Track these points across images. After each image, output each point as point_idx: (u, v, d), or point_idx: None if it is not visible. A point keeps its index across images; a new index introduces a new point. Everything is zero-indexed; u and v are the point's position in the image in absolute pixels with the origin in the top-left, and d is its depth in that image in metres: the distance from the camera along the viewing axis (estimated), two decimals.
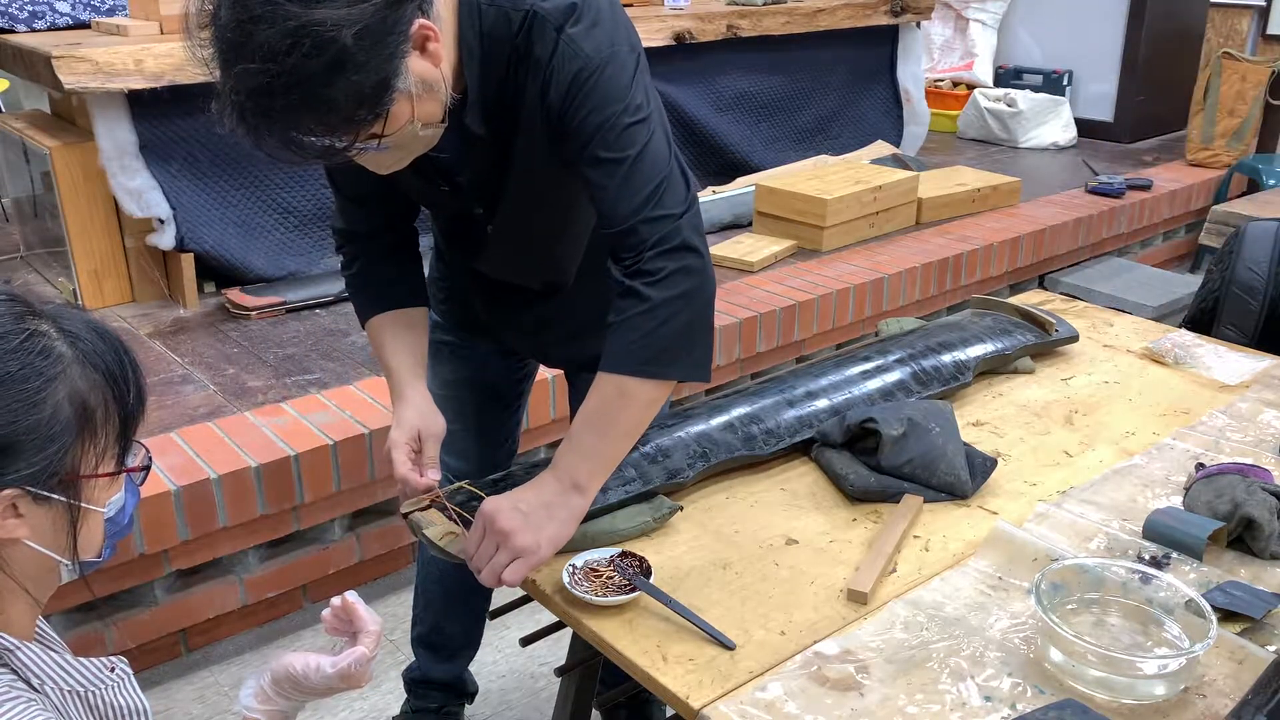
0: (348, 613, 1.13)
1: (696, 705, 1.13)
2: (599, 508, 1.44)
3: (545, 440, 2.80)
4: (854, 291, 3.40)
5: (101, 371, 0.92)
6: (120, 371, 0.94)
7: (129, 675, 1.02)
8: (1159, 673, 1.13)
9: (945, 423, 1.56)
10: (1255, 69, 4.85)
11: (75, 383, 0.90)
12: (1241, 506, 1.38)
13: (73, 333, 0.92)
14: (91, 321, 0.95)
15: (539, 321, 1.75)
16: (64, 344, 0.91)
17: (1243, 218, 3.84)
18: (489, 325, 1.79)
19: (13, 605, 0.93)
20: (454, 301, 1.82)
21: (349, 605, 1.13)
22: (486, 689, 2.24)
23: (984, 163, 5.03)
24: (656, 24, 4.02)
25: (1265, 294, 2.31)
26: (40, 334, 0.90)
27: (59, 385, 0.89)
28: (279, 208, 3.40)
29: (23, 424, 0.86)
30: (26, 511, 0.89)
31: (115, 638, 2.21)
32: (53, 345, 0.90)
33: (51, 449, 0.88)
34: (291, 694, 1.10)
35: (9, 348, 0.87)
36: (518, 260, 1.68)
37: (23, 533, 0.90)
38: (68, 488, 0.91)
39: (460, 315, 1.82)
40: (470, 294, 1.76)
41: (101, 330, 0.95)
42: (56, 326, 0.91)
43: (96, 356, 0.92)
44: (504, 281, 1.70)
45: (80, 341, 0.92)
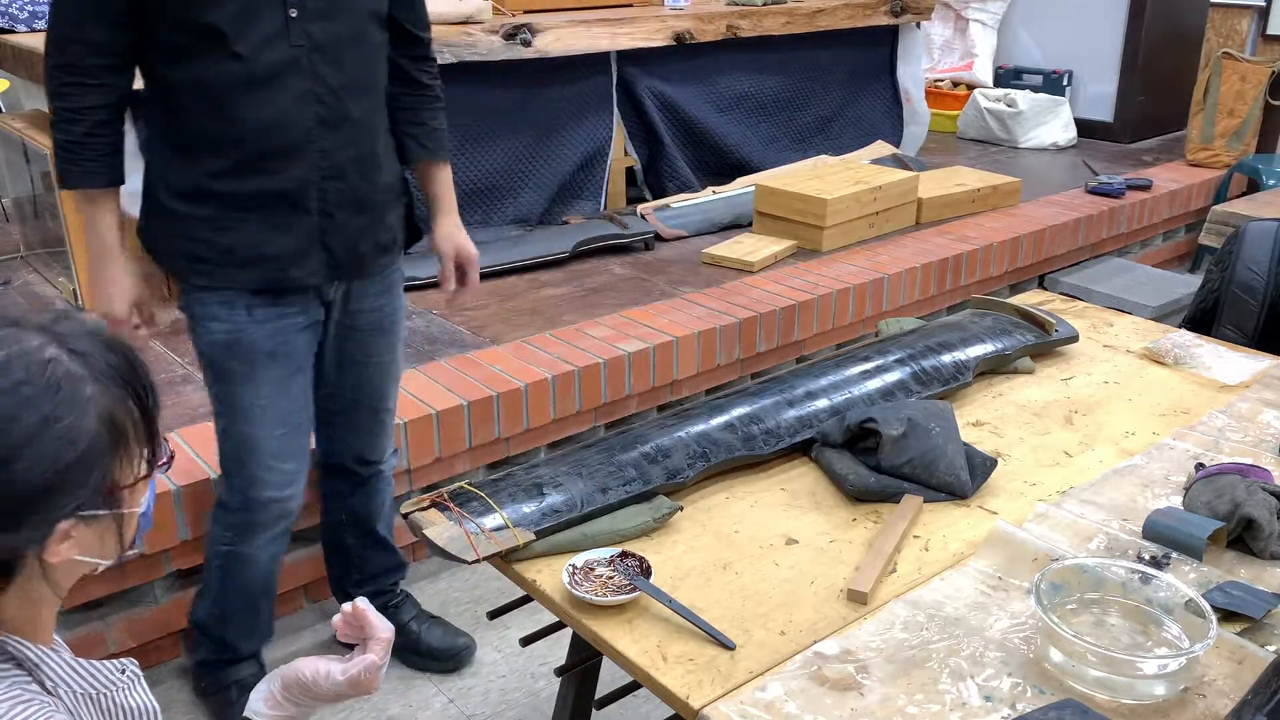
0: (358, 619, 1.13)
1: (696, 705, 1.13)
2: (599, 507, 1.44)
3: (545, 440, 2.80)
4: (854, 291, 3.40)
5: (119, 383, 0.92)
6: (134, 377, 0.94)
7: (139, 676, 1.02)
8: (1159, 673, 1.13)
9: (945, 423, 1.56)
10: (1255, 69, 4.85)
11: (101, 403, 0.90)
12: (1241, 506, 1.38)
13: (81, 351, 0.90)
14: (93, 330, 0.94)
15: (360, 180, 1.77)
16: (78, 364, 0.89)
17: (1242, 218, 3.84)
18: (296, 248, 1.74)
19: (42, 611, 0.95)
20: (249, 231, 1.72)
21: (360, 612, 1.12)
22: (486, 689, 2.24)
23: (984, 163, 5.03)
24: (656, 24, 4.02)
25: (1265, 294, 2.31)
26: (56, 361, 0.88)
27: (89, 412, 0.88)
28: None
29: (65, 462, 0.87)
30: (77, 534, 0.90)
31: (115, 638, 2.21)
32: (71, 371, 0.89)
33: (95, 475, 0.89)
34: (301, 700, 1.10)
35: (37, 390, 0.86)
36: (362, 137, 1.75)
37: (74, 553, 0.91)
38: (111, 501, 0.92)
39: (260, 259, 1.73)
40: (282, 199, 1.71)
41: (106, 339, 0.94)
42: (64, 347, 0.90)
43: (110, 369, 0.92)
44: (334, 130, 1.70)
45: (91, 358, 0.91)
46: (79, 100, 1.63)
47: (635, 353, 2.87)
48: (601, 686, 1.60)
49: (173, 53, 1.63)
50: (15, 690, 0.89)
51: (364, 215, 1.81)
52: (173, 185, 1.72)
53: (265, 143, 1.67)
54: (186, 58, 1.63)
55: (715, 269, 3.56)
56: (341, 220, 1.77)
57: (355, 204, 1.78)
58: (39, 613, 0.94)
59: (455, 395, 2.58)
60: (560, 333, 3.00)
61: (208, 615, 2.07)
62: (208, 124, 1.66)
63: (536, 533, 1.40)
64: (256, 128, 1.65)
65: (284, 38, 1.63)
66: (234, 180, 1.68)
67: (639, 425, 1.64)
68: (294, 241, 1.74)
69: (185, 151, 1.69)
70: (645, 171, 4.30)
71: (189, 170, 1.69)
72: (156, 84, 1.68)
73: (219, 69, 1.62)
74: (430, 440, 2.51)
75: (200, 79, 1.63)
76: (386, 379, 2.05)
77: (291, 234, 1.73)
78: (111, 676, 0.99)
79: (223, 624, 2.06)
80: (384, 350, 2.01)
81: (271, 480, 1.89)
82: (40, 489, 0.86)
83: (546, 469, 1.51)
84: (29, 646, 0.92)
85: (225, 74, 1.62)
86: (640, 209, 4.00)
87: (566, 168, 3.97)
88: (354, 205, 1.78)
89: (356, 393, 2.02)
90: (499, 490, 1.46)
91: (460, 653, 2.30)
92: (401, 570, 2.30)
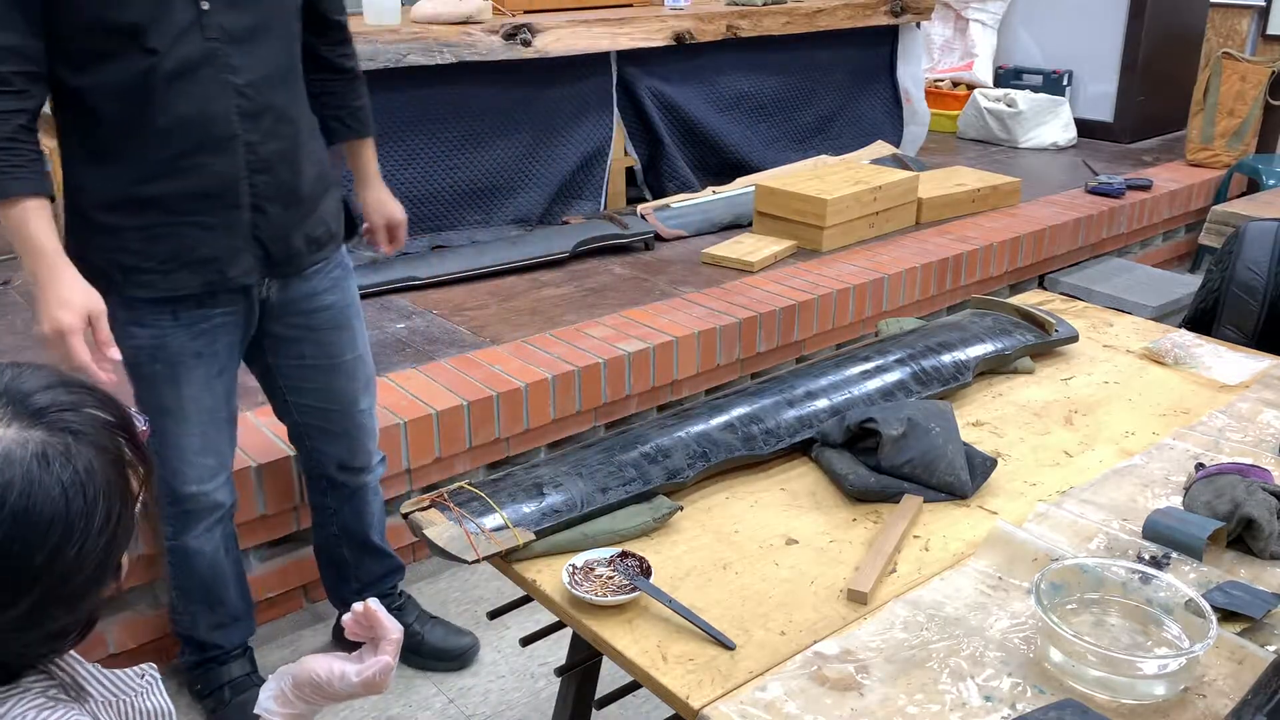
0: (369, 619, 1.13)
1: (696, 705, 1.13)
2: (599, 507, 1.44)
3: (545, 440, 2.80)
4: (854, 291, 3.40)
5: (95, 426, 0.91)
6: (97, 405, 0.92)
7: (156, 680, 1.04)
8: (1159, 673, 1.13)
9: (945, 423, 1.56)
10: (1255, 69, 4.85)
11: (102, 458, 0.90)
12: (1241, 506, 1.38)
13: (53, 423, 0.88)
14: (39, 388, 0.90)
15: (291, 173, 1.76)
16: (61, 439, 0.87)
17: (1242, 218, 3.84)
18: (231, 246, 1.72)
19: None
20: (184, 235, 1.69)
21: (370, 612, 1.13)
22: (486, 689, 2.24)
23: (984, 163, 5.03)
24: (656, 24, 4.02)
25: (1265, 294, 2.31)
26: (49, 455, 0.86)
27: (99, 478, 0.89)
28: None
29: (112, 525, 0.90)
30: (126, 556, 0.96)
31: (115, 638, 2.21)
32: (68, 451, 0.87)
33: (128, 509, 0.93)
34: (312, 698, 1.11)
35: (89, 498, 0.88)
36: (283, 126, 1.73)
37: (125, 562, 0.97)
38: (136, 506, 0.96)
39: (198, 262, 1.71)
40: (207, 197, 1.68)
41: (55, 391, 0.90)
42: (35, 427, 0.87)
43: (82, 421, 0.90)
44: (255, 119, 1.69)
45: (65, 421, 0.89)
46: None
47: (635, 353, 2.87)
48: (601, 686, 1.60)
49: (85, 58, 1.60)
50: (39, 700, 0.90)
51: (295, 209, 1.80)
52: (97, 197, 1.68)
53: (188, 140, 1.64)
54: (100, 61, 1.59)
55: (715, 269, 3.56)
56: (273, 215, 1.76)
57: (285, 197, 1.77)
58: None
59: (455, 395, 2.58)
60: (560, 333, 3.00)
61: (178, 615, 2.09)
62: (126, 128, 1.62)
63: (536, 533, 1.40)
64: (177, 124, 1.62)
65: (197, 31, 1.61)
66: (161, 183, 1.66)
67: (639, 425, 1.64)
68: (228, 239, 1.72)
69: (106, 161, 1.65)
70: (645, 171, 4.30)
71: (113, 179, 1.66)
72: (68, 95, 1.63)
73: (134, 67, 1.59)
74: (430, 440, 2.51)
75: (115, 81, 1.60)
76: (354, 379, 2.01)
77: (225, 233, 1.72)
78: (132, 682, 1.01)
79: (193, 621, 2.07)
80: (346, 348, 1.98)
81: (193, 475, 1.89)
82: (106, 557, 0.90)
83: (546, 469, 1.51)
84: (80, 661, 0.96)
85: (140, 72, 1.59)
86: (640, 209, 4.00)
87: (566, 168, 3.97)
88: (284, 198, 1.76)
89: (326, 398, 2.00)
90: (499, 490, 1.46)
91: (465, 652, 2.30)
92: (399, 573, 2.30)
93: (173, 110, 1.62)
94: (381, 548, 2.23)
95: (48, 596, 0.87)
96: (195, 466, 1.89)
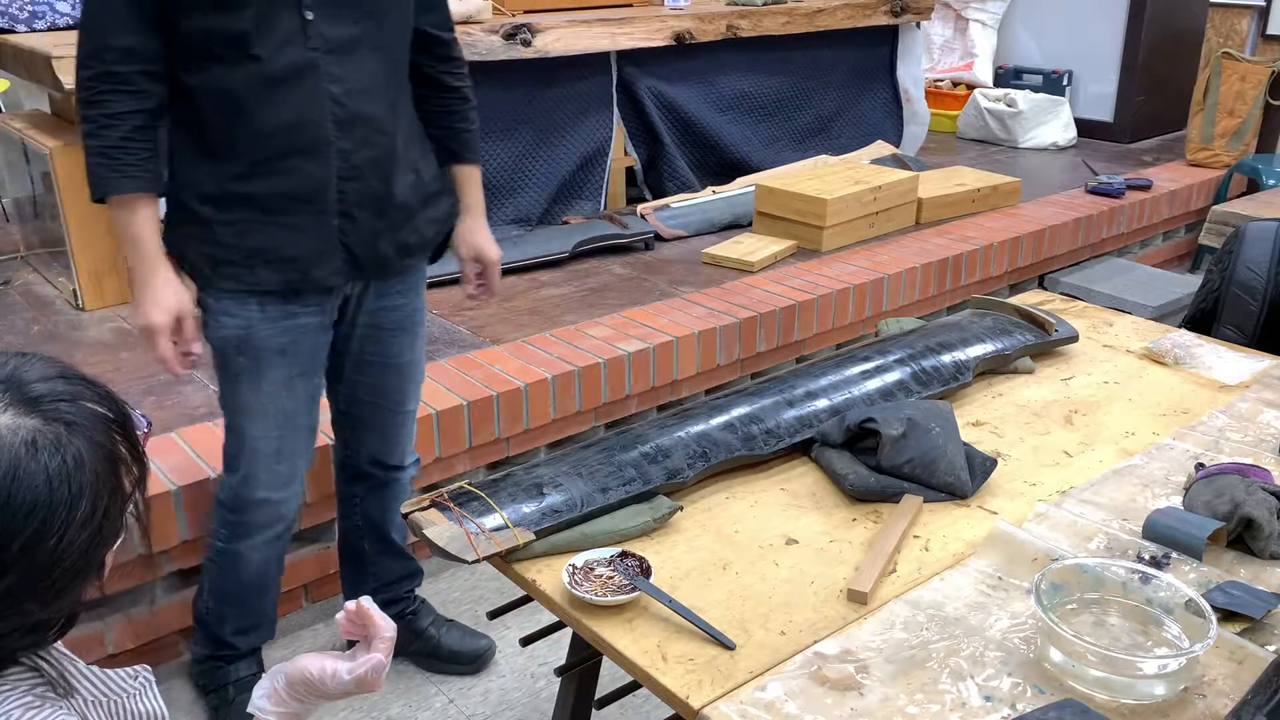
0: (362, 618, 1.13)
1: (696, 705, 1.13)
2: (599, 507, 1.44)
3: (545, 440, 2.80)
4: (854, 291, 3.40)
5: (93, 420, 0.91)
6: (96, 400, 0.93)
7: (151, 682, 1.03)
8: (1159, 673, 1.13)
9: (945, 423, 1.56)
10: (1255, 69, 4.85)
11: (95, 452, 0.89)
12: (1241, 506, 1.38)
13: (49, 413, 0.88)
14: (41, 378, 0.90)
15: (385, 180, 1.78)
16: (53, 430, 0.87)
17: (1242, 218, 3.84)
18: (317, 249, 1.75)
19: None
20: (271, 233, 1.73)
21: (364, 610, 1.13)
22: (486, 689, 2.24)
23: (984, 163, 5.03)
24: (656, 24, 4.02)
25: (1265, 294, 2.31)
26: (67, 445, 0.87)
27: (89, 471, 0.89)
28: None
29: (98, 520, 0.89)
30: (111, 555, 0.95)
31: (115, 638, 2.21)
32: (58, 440, 0.87)
33: (116, 507, 0.92)
34: (306, 697, 1.11)
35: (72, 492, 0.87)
36: (380, 136, 1.74)
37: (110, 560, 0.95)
38: (128, 509, 0.95)
39: (282, 261, 1.74)
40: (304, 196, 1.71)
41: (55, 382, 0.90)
42: (33, 416, 0.87)
43: (79, 412, 0.90)
44: (358, 120, 1.71)
45: (61, 412, 0.89)
46: (116, 106, 1.63)
47: (635, 353, 2.87)
48: (601, 686, 1.60)
49: (193, 58, 1.65)
50: (26, 698, 0.90)
51: (385, 217, 1.81)
52: (196, 189, 1.73)
53: (283, 144, 1.68)
54: (207, 62, 1.64)
55: (715, 269, 3.56)
56: (362, 221, 1.78)
57: (375, 204, 1.78)
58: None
59: (455, 395, 2.58)
60: (560, 333, 3.00)
61: (205, 610, 2.08)
62: (228, 127, 1.67)
63: (536, 533, 1.40)
64: (274, 129, 1.67)
65: (300, 40, 1.65)
66: (255, 182, 1.70)
67: (639, 425, 1.63)
68: (314, 242, 1.75)
69: (208, 156, 1.71)
70: (645, 171, 4.30)
71: (212, 174, 1.71)
72: (179, 90, 1.69)
73: (238, 72, 1.64)
74: (430, 440, 2.51)
75: (220, 83, 1.65)
76: (406, 380, 2.03)
77: (312, 235, 1.74)
78: (124, 684, 1.00)
79: (219, 620, 2.06)
80: (405, 350, 2.00)
81: (266, 480, 1.89)
82: (91, 550, 0.89)
83: (546, 469, 1.51)
84: (44, 654, 0.94)
85: (244, 76, 1.64)
86: (640, 209, 4.00)
87: (566, 168, 3.97)
88: (374, 206, 1.78)
89: (375, 394, 2.01)
90: (499, 490, 1.46)
91: (483, 654, 2.30)
92: (417, 578, 2.29)
93: (272, 114, 1.66)
94: (402, 548, 2.23)
95: (23, 586, 0.86)
96: (268, 472, 1.88)
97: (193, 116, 1.70)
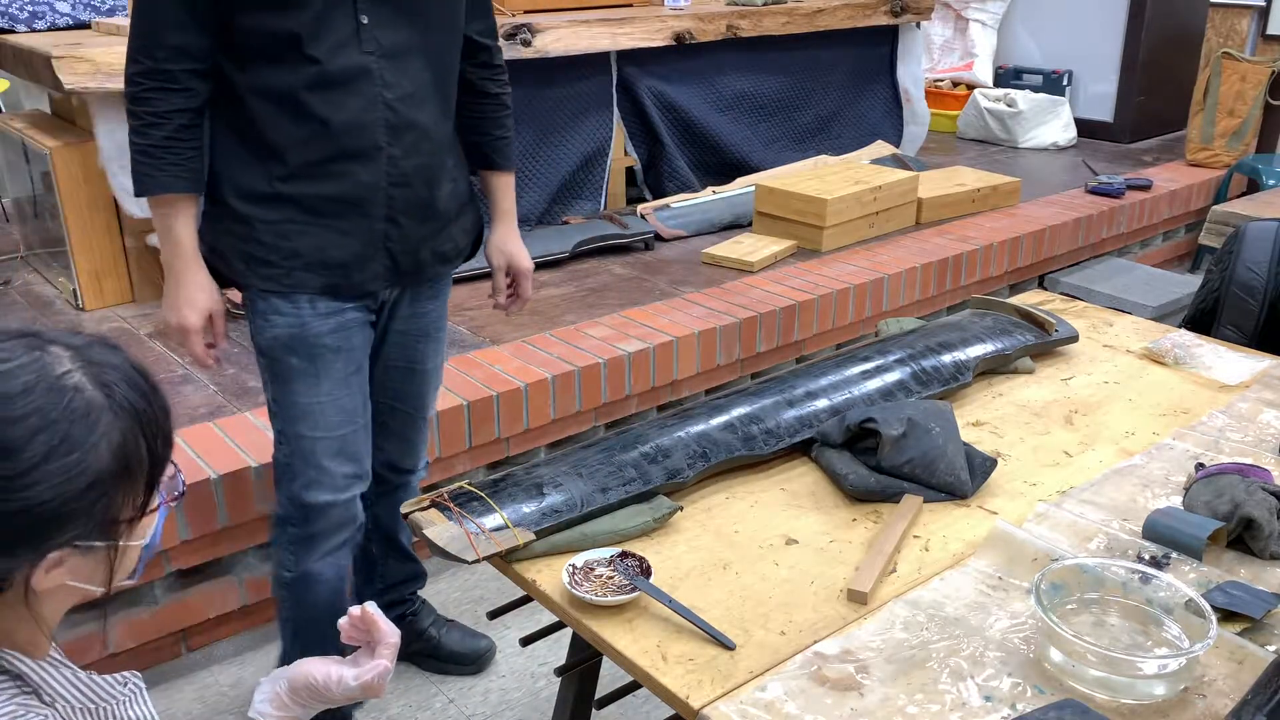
0: (366, 623, 1.13)
1: (696, 705, 1.13)
2: (599, 507, 1.44)
3: (545, 440, 2.80)
4: (854, 291, 3.40)
5: (137, 419, 0.91)
6: (149, 411, 0.93)
7: (141, 689, 1.03)
8: (1159, 673, 1.13)
9: (945, 423, 1.56)
10: (1255, 69, 4.85)
11: (113, 437, 0.89)
12: (1241, 506, 1.38)
13: (106, 382, 0.90)
14: (122, 365, 0.93)
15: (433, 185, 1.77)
16: (99, 393, 0.89)
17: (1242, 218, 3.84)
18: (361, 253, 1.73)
19: (41, 629, 0.94)
20: (314, 235, 1.71)
21: (368, 616, 1.13)
22: (486, 688, 2.24)
23: (984, 163, 5.03)
24: (656, 24, 4.02)
25: (1265, 294, 2.31)
26: (77, 390, 0.88)
27: (101, 446, 0.88)
28: None
29: (71, 493, 0.87)
30: (70, 563, 0.90)
31: (115, 638, 2.21)
32: (90, 400, 0.88)
33: (96, 509, 0.89)
34: (309, 702, 1.11)
35: (51, 419, 0.86)
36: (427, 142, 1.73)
37: (65, 578, 0.91)
38: (108, 534, 0.92)
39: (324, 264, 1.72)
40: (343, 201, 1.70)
41: (124, 368, 0.93)
42: (90, 375, 0.89)
43: (130, 404, 0.91)
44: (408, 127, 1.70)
45: (115, 389, 0.91)
46: (163, 104, 1.61)
47: (635, 353, 2.87)
48: (601, 686, 1.60)
49: (246, 57, 1.63)
50: (10, 705, 0.89)
51: (429, 224, 1.80)
52: (238, 187, 1.71)
53: (336, 146, 1.66)
54: (261, 63, 1.63)
55: (715, 269, 3.56)
56: (407, 227, 1.76)
57: (420, 211, 1.77)
58: (37, 632, 0.94)
59: (455, 395, 2.58)
60: (560, 333, 3.00)
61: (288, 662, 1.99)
62: (278, 127, 1.66)
63: (536, 533, 1.40)
64: (328, 131, 1.65)
65: (355, 43, 1.63)
66: (303, 184, 1.68)
67: (639, 425, 1.63)
68: (359, 246, 1.73)
69: (254, 155, 1.69)
70: (645, 171, 4.30)
71: (257, 174, 1.69)
72: (226, 88, 1.67)
73: (293, 73, 1.62)
74: (430, 440, 2.51)
75: (273, 83, 1.63)
76: (429, 386, 2.02)
77: (356, 239, 1.73)
78: (112, 690, 0.99)
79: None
80: (429, 356, 1.99)
81: (329, 483, 1.82)
82: (41, 517, 0.86)
83: (546, 469, 1.51)
84: (25, 661, 0.92)
85: (299, 77, 1.62)
86: (640, 209, 4.00)
87: (566, 168, 3.97)
88: (419, 213, 1.77)
89: (397, 397, 1.99)
90: (499, 490, 1.46)
91: (483, 654, 2.30)
92: (420, 580, 2.28)
93: (325, 117, 1.64)
94: (408, 551, 2.22)
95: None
96: (331, 475, 1.82)
97: (239, 115, 1.68)
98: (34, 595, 0.90)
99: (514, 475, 1.51)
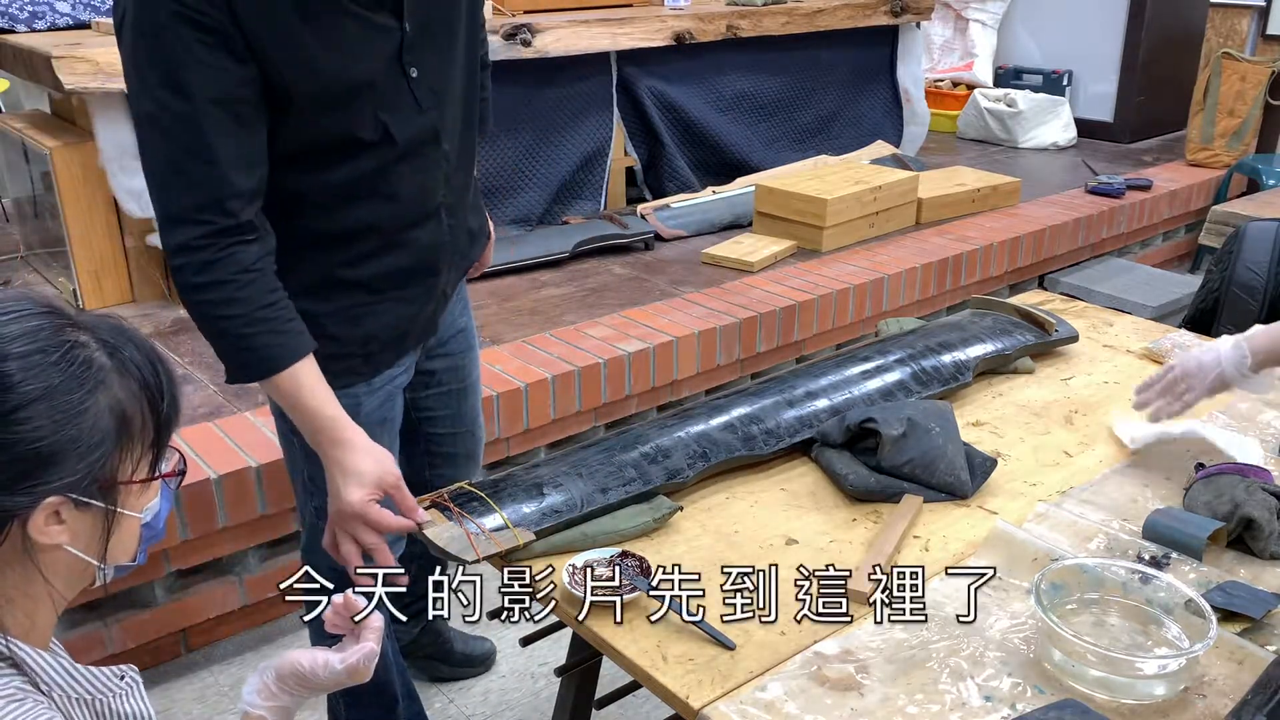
0: (349, 609, 1.14)
1: (696, 705, 1.13)
2: (599, 507, 1.44)
3: (545, 440, 2.80)
4: (854, 291, 3.40)
5: (138, 381, 0.95)
6: (155, 381, 0.97)
7: (138, 683, 1.04)
8: (1159, 673, 1.13)
9: (945, 423, 1.56)
10: (1255, 69, 4.85)
11: (115, 392, 0.92)
12: (1241, 507, 1.38)
13: (111, 343, 0.94)
14: (127, 331, 0.97)
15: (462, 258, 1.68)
16: (103, 354, 0.93)
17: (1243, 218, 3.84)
18: (428, 314, 1.62)
19: (40, 610, 0.95)
20: (384, 313, 1.57)
21: (351, 602, 1.14)
22: (486, 688, 2.24)
23: (984, 163, 5.03)
24: (656, 24, 4.02)
25: (1265, 294, 2.31)
26: (81, 345, 0.92)
27: (100, 395, 0.91)
28: None
29: (66, 434, 0.89)
30: (68, 518, 0.92)
31: (115, 638, 2.21)
32: (93, 356, 0.92)
33: (92, 457, 0.91)
34: (296, 690, 1.11)
35: (51, 360, 0.89)
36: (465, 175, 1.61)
37: (64, 538, 0.92)
38: (106, 494, 0.94)
39: (399, 339, 1.60)
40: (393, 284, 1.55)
41: (137, 340, 0.97)
42: (95, 337, 0.93)
43: (134, 366, 0.95)
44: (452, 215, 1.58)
45: (119, 352, 0.94)
46: (245, 260, 1.34)
47: (635, 353, 2.87)
48: (601, 686, 1.60)
49: (316, 163, 1.44)
50: (10, 689, 0.89)
51: (467, 258, 1.74)
52: (292, 283, 1.43)
53: (405, 217, 1.52)
54: (335, 163, 1.44)
55: (715, 269, 3.56)
56: (454, 272, 1.68)
57: (461, 252, 1.69)
58: (36, 613, 0.95)
59: None
60: (560, 333, 3.00)
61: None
62: (347, 215, 1.48)
63: (536, 533, 1.40)
64: (399, 204, 1.50)
65: (414, 106, 1.46)
66: (368, 264, 1.51)
67: (639, 425, 1.64)
68: (423, 308, 1.61)
69: (305, 247, 1.48)
70: (645, 171, 4.30)
71: (310, 265, 1.49)
72: (279, 193, 1.42)
73: (374, 159, 1.45)
74: None
75: (346, 177, 1.45)
76: (478, 397, 1.93)
77: (421, 303, 1.61)
78: (109, 683, 1.00)
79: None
80: (473, 368, 1.89)
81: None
82: (34, 453, 0.88)
83: (546, 469, 1.51)
84: (25, 648, 0.93)
85: (381, 161, 1.46)
86: (640, 209, 4.00)
87: (566, 168, 3.97)
88: (461, 252, 1.68)
89: (457, 421, 1.89)
90: (499, 490, 1.46)
91: (489, 656, 2.30)
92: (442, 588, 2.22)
93: (399, 190, 1.49)
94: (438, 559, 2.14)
95: None
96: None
97: (292, 213, 1.45)
98: (33, 547, 0.91)
99: (514, 475, 1.51)
